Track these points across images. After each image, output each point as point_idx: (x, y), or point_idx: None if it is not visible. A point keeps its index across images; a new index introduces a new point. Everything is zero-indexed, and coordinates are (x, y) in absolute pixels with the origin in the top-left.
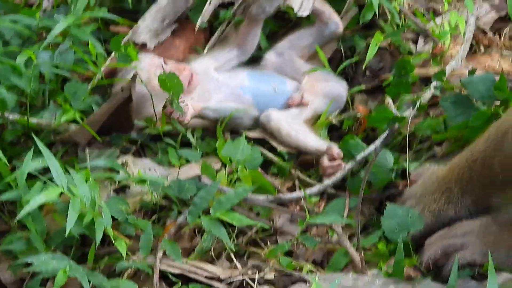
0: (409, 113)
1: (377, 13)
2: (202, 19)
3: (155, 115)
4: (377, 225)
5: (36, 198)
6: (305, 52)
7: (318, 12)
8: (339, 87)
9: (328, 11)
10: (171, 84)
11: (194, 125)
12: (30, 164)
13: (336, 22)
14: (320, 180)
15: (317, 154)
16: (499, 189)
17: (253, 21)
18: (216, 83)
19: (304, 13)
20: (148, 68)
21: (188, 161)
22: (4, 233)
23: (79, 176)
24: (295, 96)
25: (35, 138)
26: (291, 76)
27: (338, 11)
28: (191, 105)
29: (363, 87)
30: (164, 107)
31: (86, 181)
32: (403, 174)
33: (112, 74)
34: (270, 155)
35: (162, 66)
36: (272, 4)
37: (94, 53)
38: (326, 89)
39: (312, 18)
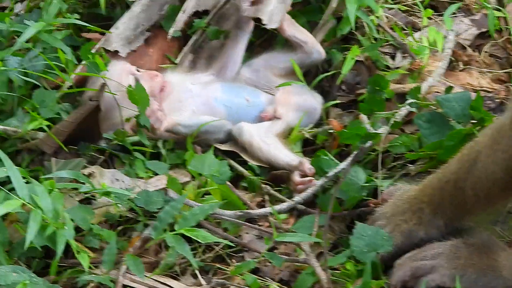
0: (383, 130)
1: (353, 27)
2: (175, 28)
3: (122, 124)
4: (347, 244)
5: None
6: (281, 72)
7: (300, 42)
8: (312, 101)
9: (311, 41)
10: (139, 97)
11: (165, 136)
12: None
13: (318, 51)
14: (291, 196)
15: (289, 169)
16: (471, 212)
17: (231, 40)
18: (190, 93)
19: (273, 25)
20: (119, 74)
21: (156, 173)
22: None
23: (41, 187)
24: (268, 110)
25: None
26: (264, 89)
27: (316, 23)
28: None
29: (338, 101)
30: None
31: (51, 191)
32: (375, 192)
33: (82, 81)
34: (240, 168)
35: (133, 73)
36: (244, 20)
37: (64, 60)
38: (300, 102)
39: (294, 46)
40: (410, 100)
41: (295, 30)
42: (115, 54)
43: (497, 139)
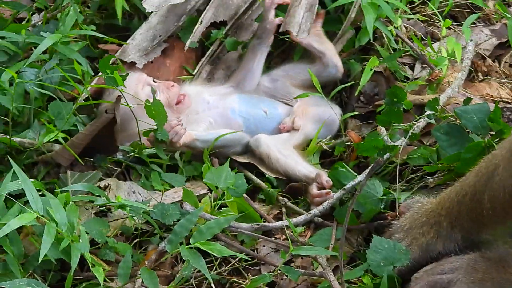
0: (400, 142)
1: (371, 38)
2: (192, 39)
3: (139, 136)
4: (364, 257)
5: (11, 223)
6: (300, 83)
7: (319, 53)
8: (331, 112)
9: (330, 54)
10: (157, 112)
11: (182, 149)
12: (8, 186)
13: (336, 66)
14: (308, 208)
15: (306, 181)
16: (489, 225)
17: (251, 51)
18: (207, 105)
19: (303, 35)
20: (135, 85)
21: (172, 186)
22: None
23: (56, 200)
24: (286, 121)
25: (11, 161)
26: (283, 100)
27: (335, 33)
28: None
29: (356, 112)
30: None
31: (66, 204)
32: (393, 204)
33: (99, 93)
34: (257, 181)
35: (150, 83)
36: (267, 32)
37: (80, 72)
38: (318, 113)
39: (312, 56)
40: (428, 112)
41: (313, 40)
42: (131, 65)
43: None
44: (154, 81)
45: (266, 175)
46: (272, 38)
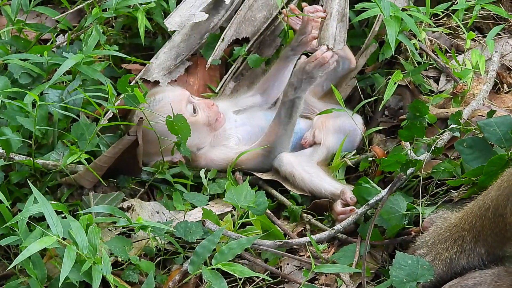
0: (424, 156)
1: (393, 52)
2: (214, 56)
3: (162, 156)
4: (388, 274)
5: (30, 246)
6: (319, 90)
7: None
8: (350, 122)
9: (338, 50)
10: (179, 127)
11: (209, 168)
12: (31, 209)
13: (348, 59)
14: (333, 224)
15: (332, 198)
16: None
17: (282, 61)
18: (235, 123)
19: (339, 46)
20: (179, 100)
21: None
22: (8, 277)
23: (77, 223)
24: (307, 136)
25: (30, 184)
26: (304, 114)
27: (358, 47)
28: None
29: (380, 127)
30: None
31: (88, 226)
32: (418, 219)
33: (124, 112)
34: (282, 198)
35: (192, 101)
36: (302, 45)
37: (110, 91)
38: (338, 124)
39: None
40: (451, 125)
41: None
42: (155, 84)
43: None
44: (193, 97)
45: (291, 192)
46: (303, 50)
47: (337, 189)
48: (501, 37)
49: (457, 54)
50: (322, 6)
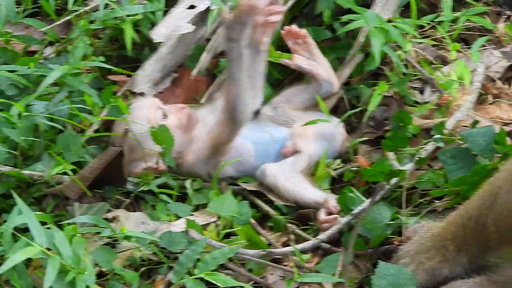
0: (408, 166)
1: (377, 63)
2: (199, 68)
3: (148, 163)
4: (371, 283)
5: (14, 256)
6: (298, 105)
7: (312, 73)
8: (330, 126)
9: (322, 71)
10: (163, 137)
11: (194, 169)
12: (15, 220)
13: (330, 83)
14: (317, 234)
15: (316, 207)
16: (495, 248)
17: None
18: (214, 119)
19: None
20: (147, 109)
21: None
22: None
23: (61, 233)
24: (288, 145)
25: (14, 195)
26: (284, 124)
27: (344, 59)
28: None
29: (365, 138)
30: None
31: (73, 237)
32: (402, 229)
33: (109, 123)
34: (266, 208)
35: (161, 107)
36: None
37: (91, 103)
38: (317, 130)
39: (308, 77)
40: (435, 136)
41: (301, 60)
42: (141, 95)
43: None
44: (164, 104)
45: (275, 203)
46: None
47: (321, 197)
48: (486, 49)
49: (442, 66)
50: None
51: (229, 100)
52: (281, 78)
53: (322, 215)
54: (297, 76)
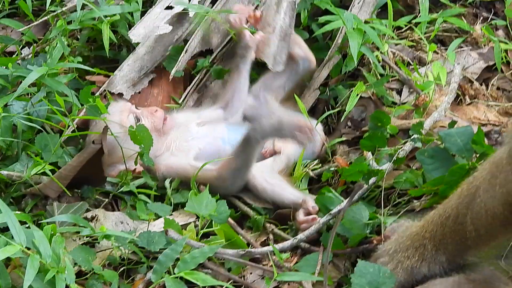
0: (386, 166)
1: (355, 64)
2: (177, 68)
3: (125, 166)
4: (350, 282)
5: None
6: (280, 92)
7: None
8: None
9: (298, 51)
10: (141, 137)
11: (170, 176)
12: None
13: (307, 60)
14: (295, 234)
15: (294, 207)
16: (473, 246)
17: (235, 70)
18: (196, 134)
19: (278, 68)
20: (120, 113)
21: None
22: None
23: (40, 232)
24: (267, 146)
25: None
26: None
27: (322, 60)
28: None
29: (343, 138)
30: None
31: (52, 236)
32: (380, 228)
33: (86, 124)
34: (245, 208)
35: (133, 111)
36: (247, 49)
37: (63, 104)
38: None
39: None
40: (413, 136)
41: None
42: (119, 96)
43: (495, 173)
44: (137, 108)
45: (253, 205)
46: (253, 54)
47: (299, 198)
48: (463, 50)
49: (420, 67)
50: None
51: (223, 170)
52: (256, 76)
53: (300, 216)
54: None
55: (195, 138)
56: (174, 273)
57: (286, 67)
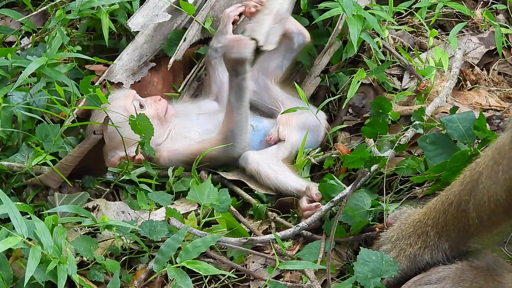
0: (388, 153)
1: (356, 50)
2: (176, 56)
3: (125, 152)
4: (353, 270)
5: None
6: (278, 73)
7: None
8: (314, 118)
9: (290, 26)
10: (142, 126)
11: (174, 160)
12: None
13: (300, 34)
14: (298, 222)
15: (297, 195)
16: (475, 233)
17: (210, 65)
18: (196, 121)
19: (270, 47)
20: (123, 101)
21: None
22: None
23: (41, 223)
24: (272, 132)
25: None
26: (269, 107)
27: (322, 46)
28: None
29: (345, 125)
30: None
31: (53, 226)
32: (382, 216)
33: (87, 114)
34: (247, 196)
35: (137, 98)
36: (223, 45)
37: (62, 94)
38: (301, 121)
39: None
40: (415, 122)
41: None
42: (119, 85)
43: (497, 160)
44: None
45: (255, 192)
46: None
47: (303, 186)
48: (463, 35)
49: (420, 52)
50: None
51: (227, 127)
52: None
53: (304, 203)
54: None
55: (194, 125)
56: (176, 263)
57: (281, 46)
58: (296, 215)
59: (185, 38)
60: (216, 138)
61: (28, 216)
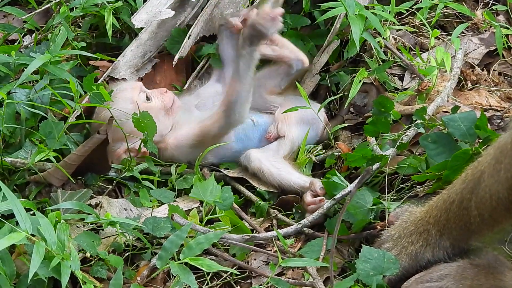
0: (390, 152)
1: (357, 50)
2: (181, 53)
3: (129, 152)
4: (355, 268)
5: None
6: (275, 89)
7: (279, 58)
8: (311, 112)
9: (288, 53)
10: (146, 124)
11: (180, 149)
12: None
13: (299, 61)
14: (300, 219)
15: (301, 191)
16: (477, 232)
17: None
18: (197, 113)
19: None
20: (131, 89)
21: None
22: None
23: (45, 219)
24: (271, 129)
25: None
26: (265, 111)
27: (320, 45)
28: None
29: (346, 124)
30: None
31: (57, 223)
32: (384, 214)
33: (91, 110)
34: (249, 194)
35: (144, 90)
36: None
37: (74, 90)
38: (299, 116)
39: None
40: (416, 121)
41: (265, 49)
42: (122, 82)
43: (500, 158)
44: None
45: (257, 189)
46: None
47: (306, 181)
48: (464, 35)
49: (421, 52)
50: None
51: (230, 97)
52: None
53: (308, 197)
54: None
55: (196, 112)
56: (179, 259)
57: (280, 69)
58: (299, 210)
59: (190, 35)
60: (217, 112)
61: (32, 212)
